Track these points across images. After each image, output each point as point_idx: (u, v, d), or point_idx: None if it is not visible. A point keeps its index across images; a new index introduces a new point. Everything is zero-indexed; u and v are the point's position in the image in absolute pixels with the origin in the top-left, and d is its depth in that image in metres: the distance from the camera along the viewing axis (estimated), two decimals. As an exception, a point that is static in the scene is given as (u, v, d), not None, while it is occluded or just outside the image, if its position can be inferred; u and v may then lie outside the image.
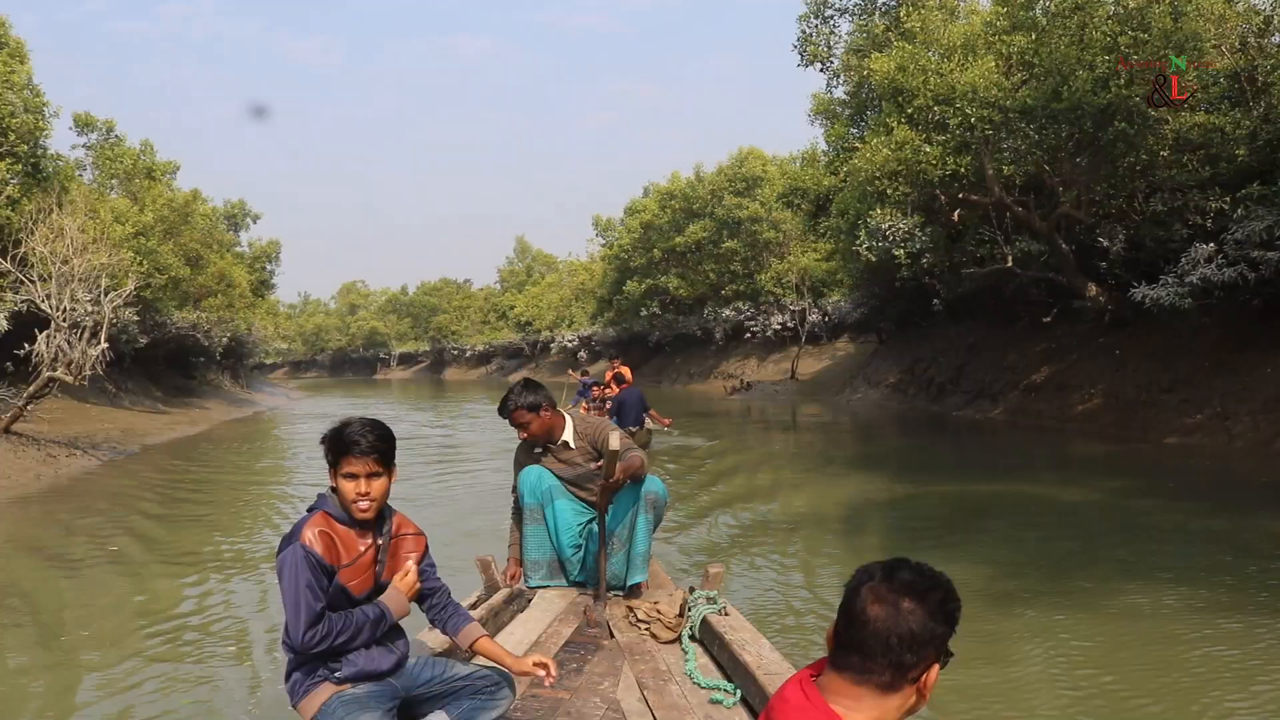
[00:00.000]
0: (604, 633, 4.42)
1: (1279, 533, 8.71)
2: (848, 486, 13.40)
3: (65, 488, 15.18)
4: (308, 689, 3.02)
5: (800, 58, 20.79)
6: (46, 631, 6.97)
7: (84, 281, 17.53)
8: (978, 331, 24.93)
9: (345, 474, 2.96)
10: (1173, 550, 8.37)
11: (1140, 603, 6.64)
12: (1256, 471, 12.56)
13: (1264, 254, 14.41)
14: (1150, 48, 15.60)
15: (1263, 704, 4.77)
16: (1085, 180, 17.12)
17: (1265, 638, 5.77)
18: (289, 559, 2.91)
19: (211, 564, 9.00)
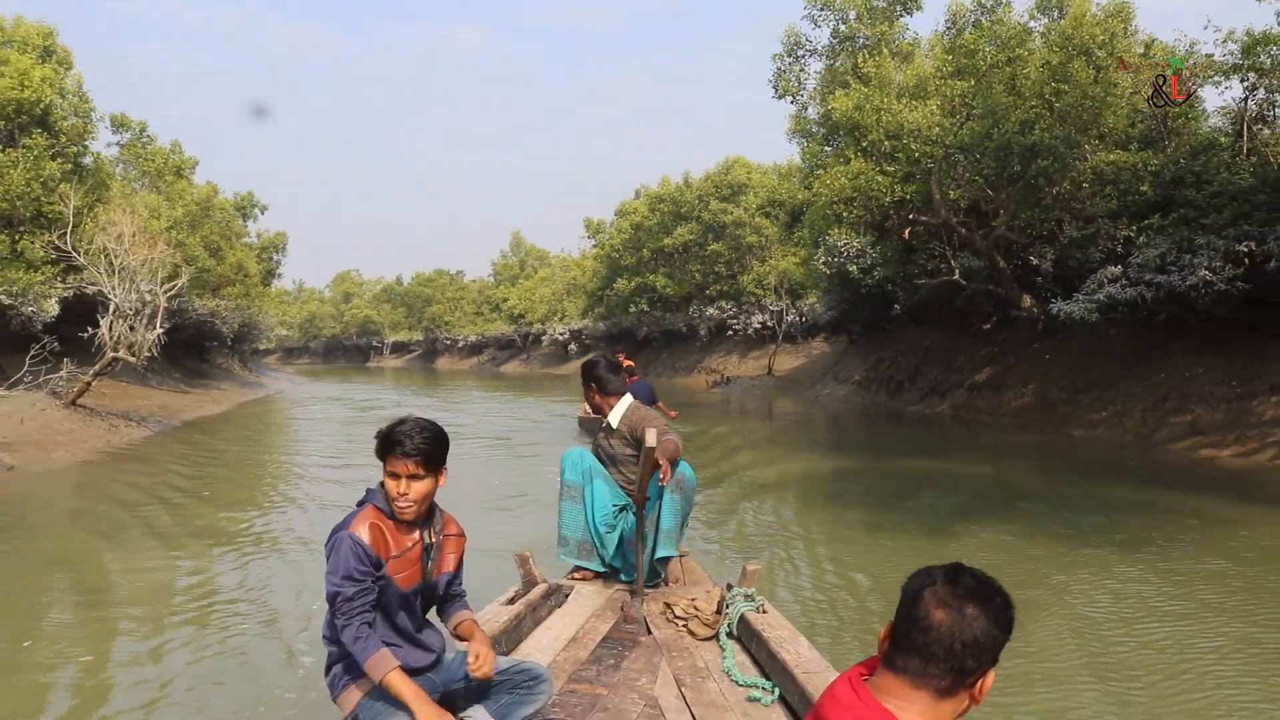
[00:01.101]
0: (641, 629, 4.44)
1: (1109, 497, 11.37)
2: (809, 465, 16.04)
3: (130, 452, 17.76)
4: (347, 683, 3.08)
5: (774, 91, 23.49)
6: (107, 593, 8.14)
7: (142, 273, 20.04)
8: (934, 335, 27.59)
9: (389, 472, 3.07)
10: (1027, 505, 11.07)
11: (989, 535, 9.33)
12: (1129, 456, 15.25)
13: (1156, 277, 17.04)
14: (1071, 96, 18.23)
15: (1058, 595, 7.44)
16: (1015, 207, 19.77)
17: (1069, 555, 8.46)
18: (336, 544, 3.00)
19: (249, 531, 10.21)
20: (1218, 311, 16.54)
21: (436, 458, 3.07)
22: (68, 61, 28.18)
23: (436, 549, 3.21)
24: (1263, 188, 16.42)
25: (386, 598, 3.04)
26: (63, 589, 8.17)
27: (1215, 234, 16.38)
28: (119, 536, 9.93)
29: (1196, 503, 10.96)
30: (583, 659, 4.07)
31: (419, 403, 34.31)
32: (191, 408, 27.13)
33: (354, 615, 2.94)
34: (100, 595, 7.88)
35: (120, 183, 29.81)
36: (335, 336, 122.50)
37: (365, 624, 2.97)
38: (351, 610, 2.94)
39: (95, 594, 7.94)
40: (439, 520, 3.24)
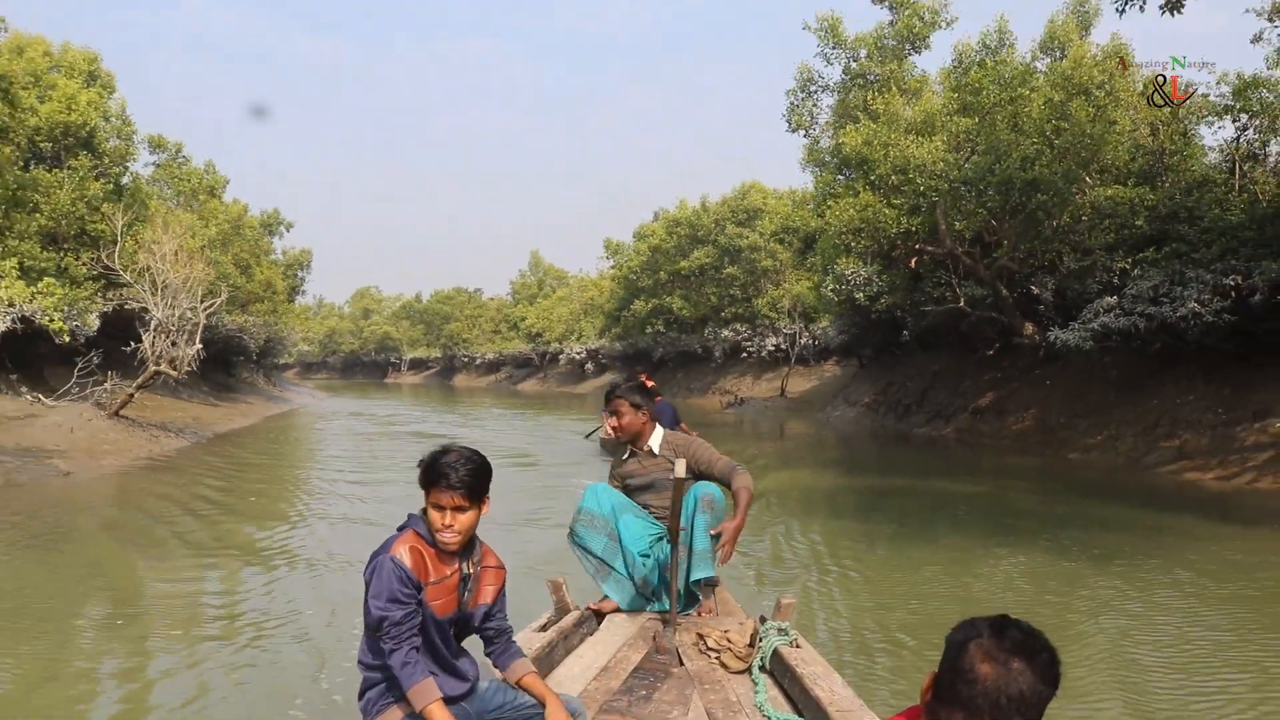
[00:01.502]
0: (673, 660, 4.41)
1: (1095, 515, 12.20)
2: (824, 486, 16.91)
3: (170, 461, 18.75)
4: (381, 709, 3.10)
5: (788, 125, 24.49)
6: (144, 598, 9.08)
7: (185, 291, 21.08)
8: (942, 360, 28.42)
9: (433, 503, 3.08)
10: (1017, 522, 11.91)
11: (973, 549, 10.20)
12: (1120, 478, 16.05)
13: (1149, 308, 17.87)
14: (1071, 133, 19.13)
15: (1028, 603, 8.30)
16: (1017, 239, 20.64)
17: (1046, 567, 9.31)
18: (378, 568, 3.02)
19: (284, 547, 10.36)
20: (1207, 341, 17.34)
21: (481, 489, 3.10)
22: (111, 86, 29.40)
23: (474, 579, 3.23)
24: (1250, 224, 17.27)
25: (424, 624, 3.07)
26: (105, 597, 8.61)
27: (1204, 268, 17.21)
28: (161, 546, 10.70)
29: (1173, 521, 11.77)
30: (614, 689, 4.06)
31: (441, 419, 35.30)
32: (222, 420, 28.16)
33: (403, 639, 2.98)
34: (140, 605, 8.27)
35: (157, 202, 30.89)
36: (353, 352, 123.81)
37: (414, 648, 2.99)
38: (400, 634, 2.97)
39: (136, 603, 8.36)
40: (478, 551, 3.27)
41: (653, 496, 5.18)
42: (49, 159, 26.09)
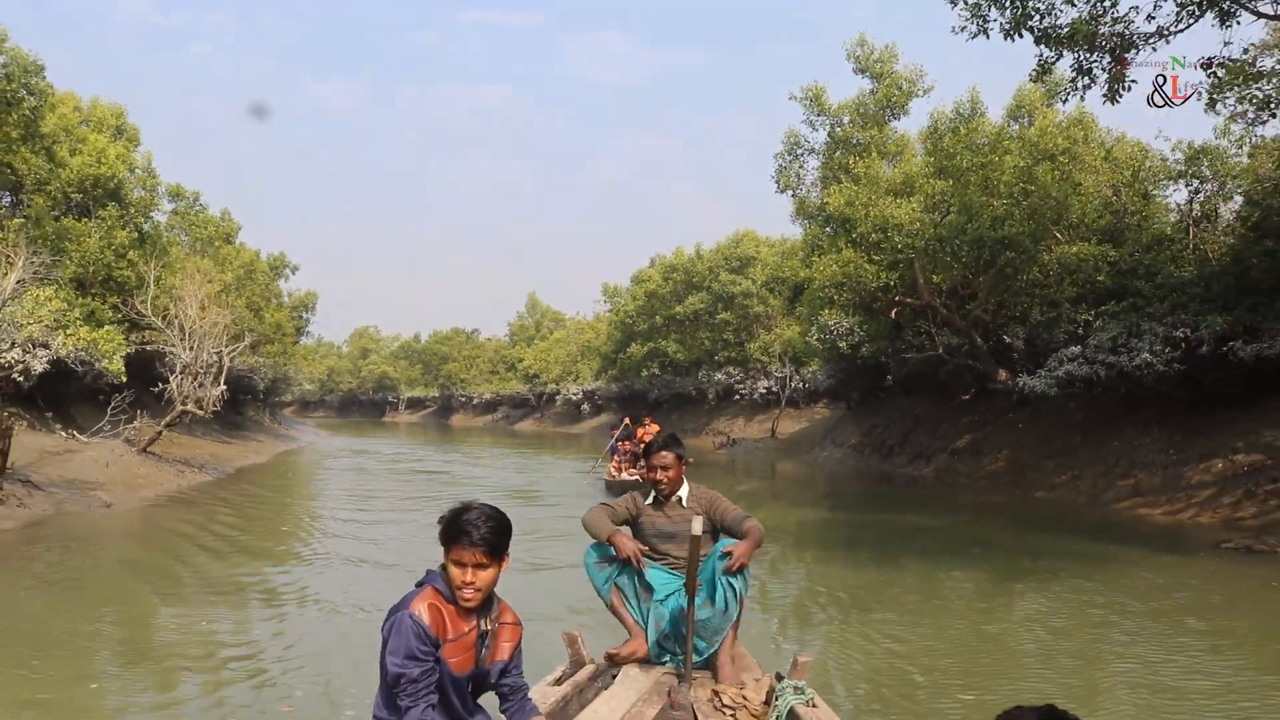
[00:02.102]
0: (688, 716, 4.43)
1: (1039, 546, 13.63)
2: (816, 525, 18.28)
3: (198, 494, 20.12)
4: None
5: (777, 185, 26.17)
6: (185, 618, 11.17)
7: (210, 336, 22.52)
8: (923, 404, 29.88)
9: (454, 560, 3.10)
10: (974, 551, 13.31)
11: (934, 571, 11.60)
12: (1078, 515, 17.45)
13: (1109, 357, 19.34)
14: (1037, 196, 20.68)
15: (979, 619, 9.70)
16: (988, 292, 22.16)
17: (995, 592, 10.70)
18: (396, 624, 3.05)
19: (309, 590, 10.27)
20: (1161, 389, 18.80)
21: (501, 546, 3.13)
22: (136, 139, 31.02)
23: (492, 636, 3.25)
24: (1199, 281, 18.80)
25: (440, 681, 3.09)
26: (131, 630, 8.93)
27: (1157, 321, 18.70)
28: (197, 577, 11.69)
29: (1116, 551, 13.17)
30: None
31: (445, 458, 36.65)
32: (238, 457, 29.51)
33: (419, 697, 3.01)
34: (167, 642, 8.35)
35: (178, 249, 32.38)
36: (351, 391, 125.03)
37: (430, 706, 3.03)
38: (417, 692, 3.01)
39: (162, 639, 8.53)
40: (495, 608, 3.29)
41: (674, 546, 5.26)
42: (77, 209, 27.58)
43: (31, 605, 9.56)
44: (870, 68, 24.78)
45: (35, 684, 6.73)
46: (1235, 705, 6.58)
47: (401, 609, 3.07)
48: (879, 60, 24.66)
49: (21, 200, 25.89)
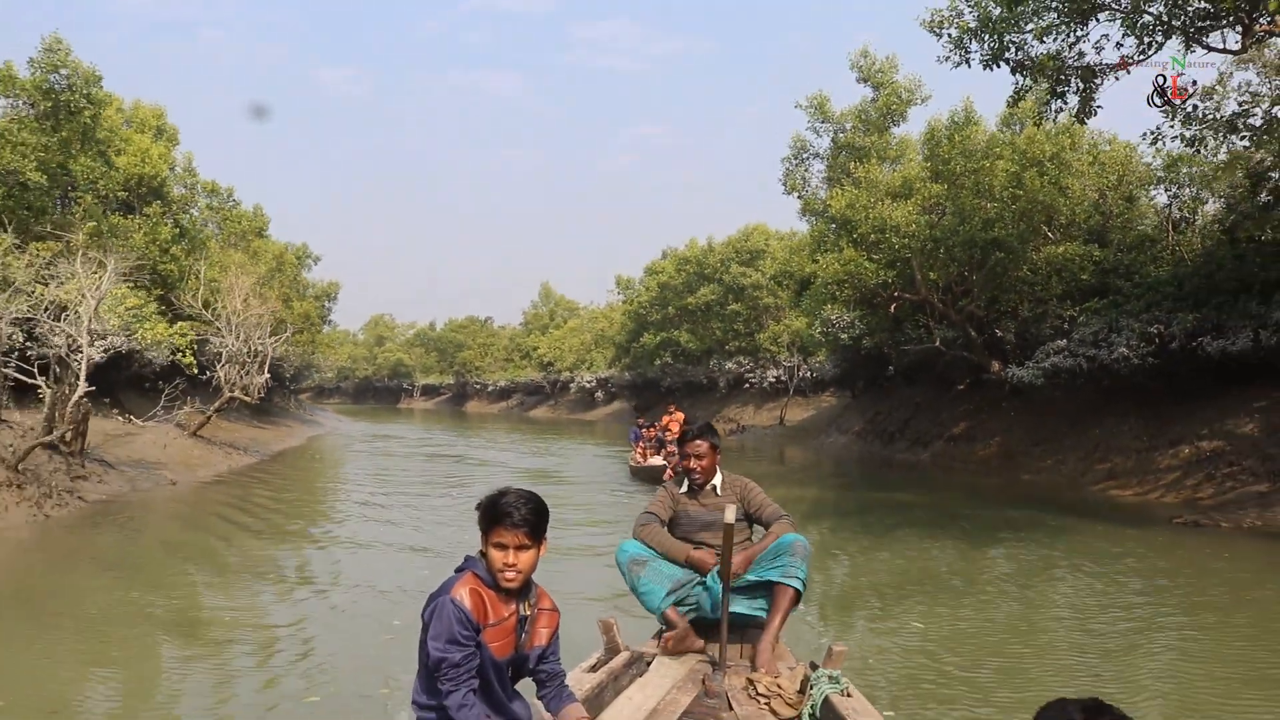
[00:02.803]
0: (723, 704, 4.43)
1: (1017, 522, 15.24)
2: (832, 509, 19.89)
3: (248, 474, 21.84)
4: None
5: (784, 188, 27.80)
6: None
7: (257, 327, 24.21)
8: (922, 393, 31.43)
9: (495, 543, 3.15)
10: (962, 525, 14.93)
11: (921, 539, 13.22)
12: (1058, 495, 18.99)
13: (1090, 350, 20.88)
14: (1026, 200, 22.21)
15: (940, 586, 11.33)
16: (981, 289, 23.72)
17: (974, 557, 12.32)
18: (438, 609, 3.10)
19: (353, 574, 10.51)
20: (1137, 380, 20.35)
21: (541, 528, 3.18)
22: (175, 139, 32.70)
23: (531, 621, 3.28)
24: (1173, 281, 20.34)
25: (481, 665, 3.11)
26: (205, 599, 9.74)
27: (1134, 317, 20.25)
28: (249, 552, 13.20)
29: (1081, 525, 14.75)
30: None
31: (468, 443, 38.38)
32: (275, 441, 31.28)
33: (461, 681, 3.04)
34: (217, 621, 8.68)
35: (215, 244, 34.10)
36: (366, 378, 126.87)
37: (471, 690, 3.06)
38: (459, 676, 3.04)
39: (222, 610, 9.05)
40: (534, 593, 3.32)
41: (710, 535, 5.29)
42: (123, 206, 29.26)
43: (122, 568, 11.26)
44: (872, 77, 26.39)
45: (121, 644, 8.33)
46: (1153, 640, 8.15)
47: (443, 594, 3.12)
48: (880, 70, 26.27)
49: (70, 199, 27.59)
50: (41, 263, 15.86)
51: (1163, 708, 6.28)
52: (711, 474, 5.44)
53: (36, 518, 12.98)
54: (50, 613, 8.65)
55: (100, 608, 8.93)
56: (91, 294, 13.88)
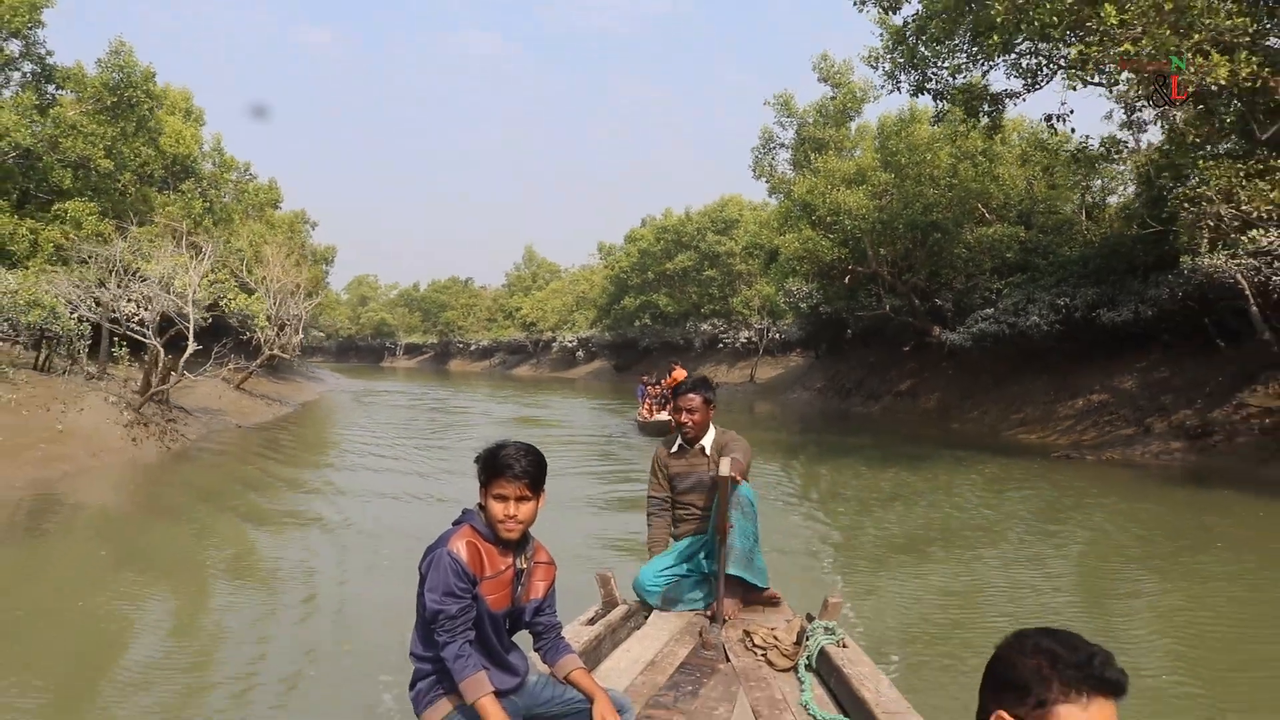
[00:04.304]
0: (720, 656, 4.49)
1: (936, 456, 19.04)
2: (787, 443, 23.66)
3: (292, 419, 25.39)
4: (431, 700, 3.20)
5: (753, 173, 31.47)
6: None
7: (294, 293, 27.63)
8: (876, 354, 35.27)
9: (496, 495, 3.16)
10: (893, 461, 18.72)
11: (868, 469, 17.02)
12: (979, 440, 22.80)
13: (1011, 319, 24.65)
14: (960, 189, 25.91)
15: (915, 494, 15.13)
16: (922, 264, 27.47)
17: (896, 481, 16.11)
18: (435, 562, 3.11)
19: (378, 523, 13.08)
20: (1048, 345, 24.15)
21: (540, 480, 3.21)
22: (201, 119, 35.83)
23: (527, 574, 3.31)
24: (1080, 261, 24.11)
25: (478, 617, 3.15)
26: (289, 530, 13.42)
27: (1047, 291, 24.02)
28: (309, 484, 17.40)
29: (979, 459, 18.55)
30: (660, 684, 4.13)
31: (469, 397, 42.06)
32: (297, 395, 34.81)
33: (457, 633, 3.07)
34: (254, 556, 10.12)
35: (237, 216, 37.35)
36: (350, 337, 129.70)
37: (468, 641, 3.09)
38: (455, 628, 3.06)
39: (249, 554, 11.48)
40: (531, 546, 3.34)
41: (695, 497, 5.33)
42: (160, 184, 32.49)
43: (221, 490, 14.92)
44: (831, 77, 30.03)
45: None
46: (1012, 528, 11.89)
47: (440, 546, 3.14)
48: (838, 72, 29.90)
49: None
50: (146, 246, 19.32)
51: (1009, 562, 10.07)
52: (703, 429, 5.38)
53: (161, 450, 16.57)
54: (181, 518, 12.31)
55: (205, 519, 12.59)
56: (195, 270, 17.37)
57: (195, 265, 17.95)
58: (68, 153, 23.90)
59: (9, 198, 23.60)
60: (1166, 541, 11.02)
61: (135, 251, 19.62)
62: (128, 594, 8.03)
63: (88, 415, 16.02)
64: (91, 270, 19.46)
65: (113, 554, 9.52)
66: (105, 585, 8.22)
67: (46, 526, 10.64)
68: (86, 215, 23.48)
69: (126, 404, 17.16)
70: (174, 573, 8.93)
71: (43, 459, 13.62)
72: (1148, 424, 19.36)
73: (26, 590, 8.13)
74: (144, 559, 9.47)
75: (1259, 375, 17.65)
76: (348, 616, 7.34)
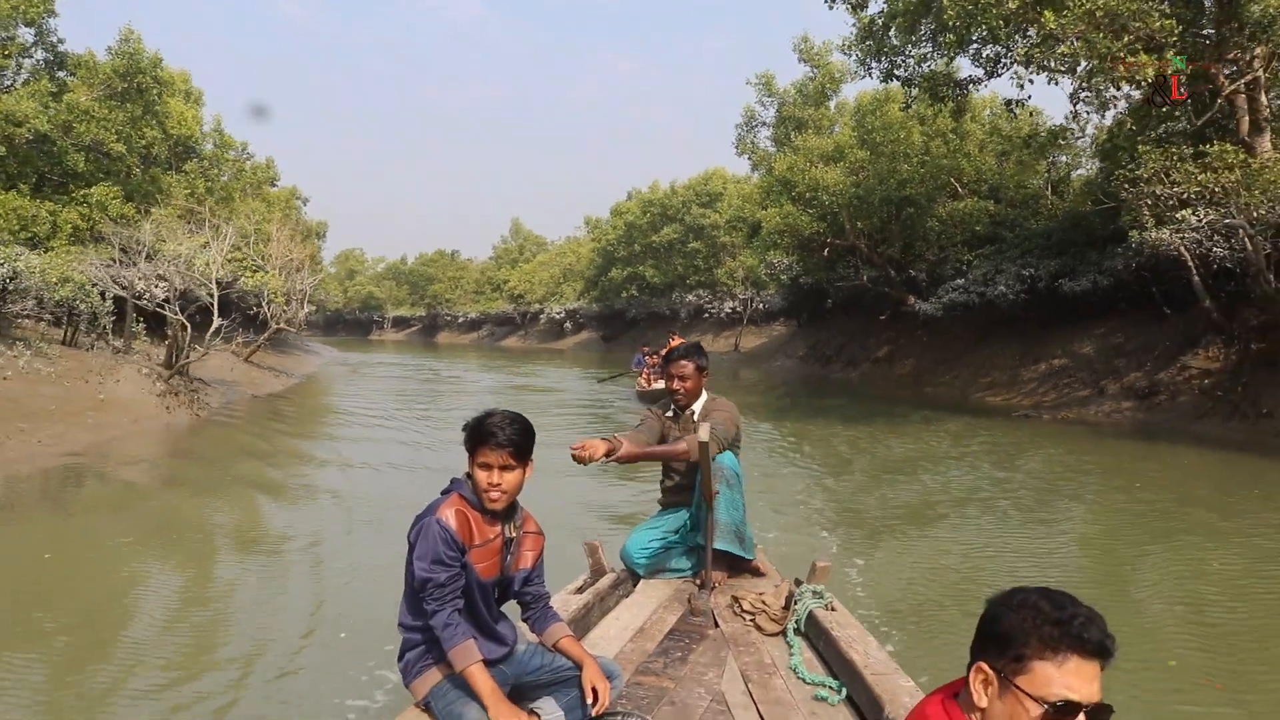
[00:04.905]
0: (708, 622, 4.51)
1: (906, 416, 20.57)
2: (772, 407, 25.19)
3: (298, 389, 26.77)
4: (420, 670, 3.21)
5: (736, 150, 32.90)
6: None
7: (300, 270, 28.92)
8: (855, 323, 36.78)
9: (480, 463, 3.16)
10: (869, 420, 20.24)
11: (846, 428, 18.55)
12: (948, 402, 24.36)
13: (980, 289, 26.14)
14: (933, 165, 27.33)
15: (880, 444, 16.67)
16: (897, 237, 28.94)
17: (872, 438, 17.64)
18: (424, 530, 3.12)
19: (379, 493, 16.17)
20: (1015, 313, 25.67)
21: (526, 449, 3.19)
22: (200, 100, 36.91)
23: (516, 544, 3.31)
24: (1044, 234, 25.60)
25: (467, 586, 3.15)
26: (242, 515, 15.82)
27: (1013, 262, 25.52)
28: (330, 441, 18.85)
29: (947, 419, 20.09)
30: (650, 651, 4.15)
31: (465, 368, 43.45)
32: (300, 368, 36.22)
33: (446, 601, 3.07)
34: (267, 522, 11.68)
35: (238, 195, 38.52)
36: (337, 310, 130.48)
37: (456, 610, 3.10)
38: (444, 596, 3.06)
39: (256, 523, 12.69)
40: (519, 515, 3.35)
41: (682, 464, 5.27)
42: (164, 164, 33.64)
43: (252, 449, 16.35)
44: (811, 58, 31.39)
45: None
46: (968, 475, 13.40)
47: (428, 515, 3.15)
48: (818, 53, 31.26)
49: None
50: (165, 229, 20.64)
51: (963, 494, 11.59)
52: (695, 396, 5.33)
53: (191, 416, 17.97)
54: (221, 472, 13.76)
55: (244, 471, 14.04)
56: (217, 249, 18.72)
57: (217, 244, 19.23)
58: (81, 137, 25.07)
59: (28, 181, 24.78)
60: (1099, 482, 12.58)
61: (158, 234, 20.87)
62: (191, 527, 9.51)
63: (124, 386, 17.40)
64: (116, 250, 20.77)
65: (168, 502, 10.97)
66: (175, 520, 9.68)
67: (120, 475, 12.15)
68: (111, 199, 24.72)
69: (157, 375, 18.53)
70: (228, 499, 10.40)
71: (94, 425, 15.01)
72: (1102, 385, 20.92)
73: (132, 509, 9.56)
74: (200, 499, 10.91)
75: (1200, 340, 19.20)
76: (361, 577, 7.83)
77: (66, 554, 8.36)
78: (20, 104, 23.51)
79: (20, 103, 23.56)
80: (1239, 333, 17.77)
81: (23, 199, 23.95)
